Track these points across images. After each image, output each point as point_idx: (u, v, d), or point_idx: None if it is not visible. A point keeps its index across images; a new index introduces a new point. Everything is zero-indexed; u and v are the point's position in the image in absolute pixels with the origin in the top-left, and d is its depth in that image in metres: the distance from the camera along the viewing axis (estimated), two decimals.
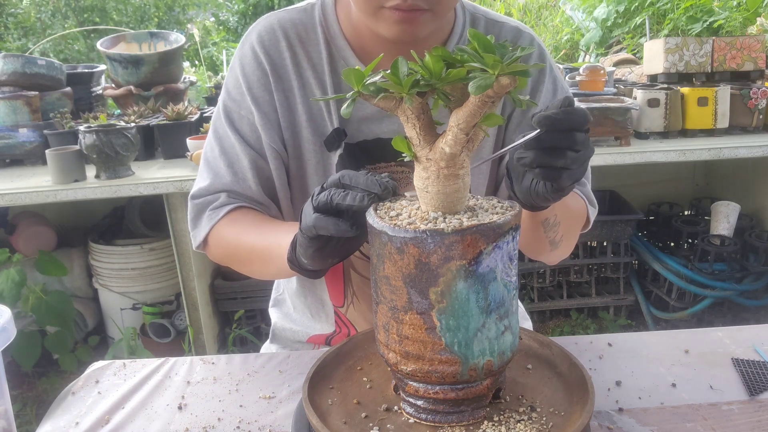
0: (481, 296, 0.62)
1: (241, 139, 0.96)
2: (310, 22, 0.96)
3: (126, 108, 2.82)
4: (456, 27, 0.97)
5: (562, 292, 2.87)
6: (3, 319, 0.72)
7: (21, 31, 7.21)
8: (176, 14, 8.20)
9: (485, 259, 0.61)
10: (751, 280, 2.70)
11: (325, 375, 0.78)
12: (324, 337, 1.11)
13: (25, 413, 2.29)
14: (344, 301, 1.08)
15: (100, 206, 2.75)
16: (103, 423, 0.81)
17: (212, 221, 0.94)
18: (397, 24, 0.81)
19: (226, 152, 0.96)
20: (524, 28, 1.02)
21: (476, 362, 0.64)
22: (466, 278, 0.61)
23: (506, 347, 0.67)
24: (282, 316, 1.18)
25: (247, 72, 0.96)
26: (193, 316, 2.34)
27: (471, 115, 0.60)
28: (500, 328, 0.65)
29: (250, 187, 0.95)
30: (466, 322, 0.63)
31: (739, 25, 3.77)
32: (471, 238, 0.60)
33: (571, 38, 4.97)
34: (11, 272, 2.26)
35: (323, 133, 0.96)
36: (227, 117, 0.97)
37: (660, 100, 2.43)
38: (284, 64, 0.95)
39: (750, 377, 0.86)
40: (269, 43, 0.95)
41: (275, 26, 0.96)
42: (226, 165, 0.96)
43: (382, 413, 0.71)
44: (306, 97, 0.96)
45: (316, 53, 0.96)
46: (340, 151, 0.96)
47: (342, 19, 0.96)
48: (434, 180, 0.64)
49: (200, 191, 0.97)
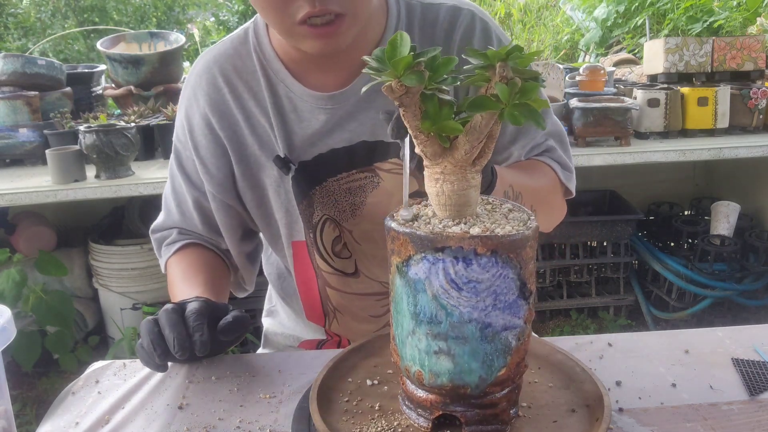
0: (411, 302, 0.62)
1: (188, 180, 1.00)
2: (245, 49, 0.95)
3: (126, 108, 2.82)
4: (390, 20, 0.93)
5: (562, 292, 2.87)
6: (3, 319, 0.72)
7: (21, 31, 7.21)
8: (176, 14, 8.20)
9: (414, 266, 0.61)
10: (751, 280, 2.70)
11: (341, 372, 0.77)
12: (315, 342, 1.12)
13: (25, 413, 2.29)
14: (325, 320, 1.08)
15: (100, 206, 2.75)
16: (103, 423, 0.81)
17: (165, 257, 1.05)
18: (316, 39, 0.79)
19: (175, 191, 1.03)
20: (463, 4, 0.94)
21: (408, 365, 0.65)
22: (401, 276, 0.62)
23: (441, 371, 0.63)
24: (274, 323, 1.19)
25: (189, 115, 0.97)
26: None
27: (406, 117, 0.61)
28: (432, 346, 0.62)
29: (196, 226, 1.03)
30: (402, 320, 0.64)
31: (739, 25, 3.77)
32: (403, 238, 0.61)
33: (571, 38, 4.97)
34: (11, 272, 2.26)
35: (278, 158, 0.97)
36: (176, 156, 1.02)
37: (660, 100, 2.43)
38: (224, 101, 0.95)
39: (750, 377, 0.86)
40: (206, 83, 0.95)
41: (210, 64, 0.96)
42: (175, 204, 1.03)
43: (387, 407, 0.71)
44: (253, 127, 0.95)
45: (255, 81, 0.94)
46: (292, 173, 0.95)
47: (273, 40, 0.94)
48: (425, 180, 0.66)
49: (156, 226, 1.08)
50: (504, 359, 0.63)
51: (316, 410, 0.69)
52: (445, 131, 0.61)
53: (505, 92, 0.57)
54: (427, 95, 0.60)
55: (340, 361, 0.81)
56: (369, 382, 0.78)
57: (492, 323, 0.61)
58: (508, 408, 0.68)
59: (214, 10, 8.41)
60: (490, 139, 0.63)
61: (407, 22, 0.93)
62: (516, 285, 0.61)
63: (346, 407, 0.73)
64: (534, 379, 0.79)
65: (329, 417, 0.70)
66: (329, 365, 0.79)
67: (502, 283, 0.60)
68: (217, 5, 8.39)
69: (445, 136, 0.62)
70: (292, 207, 0.98)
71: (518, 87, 0.57)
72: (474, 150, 0.62)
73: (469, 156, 0.62)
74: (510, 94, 0.57)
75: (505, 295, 0.61)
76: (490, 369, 0.63)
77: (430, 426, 0.67)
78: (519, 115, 0.57)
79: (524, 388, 0.74)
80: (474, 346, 0.62)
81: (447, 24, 0.93)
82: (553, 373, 0.80)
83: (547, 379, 0.79)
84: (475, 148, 0.62)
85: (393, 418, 0.70)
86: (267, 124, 0.94)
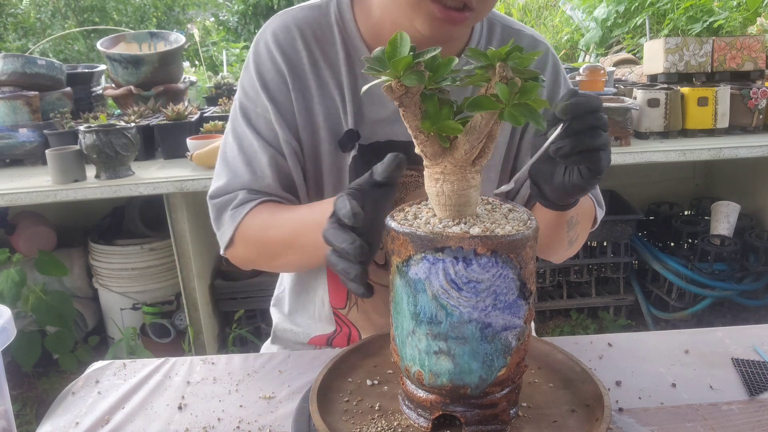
0: (411, 302, 0.62)
1: (259, 137, 0.94)
2: (326, 20, 0.95)
3: (126, 108, 2.82)
4: (473, 36, 0.97)
5: (562, 292, 2.87)
6: (3, 319, 0.72)
7: (21, 31, 7.21)
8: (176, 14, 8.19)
9: (414, 266, 0.61)
10: (751, 280, 2.70)
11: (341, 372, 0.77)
12: (325, 337, 1.11)
13: (25, 413, 2.29)
14: (346, 303, 1.08)
15: (100, 206, 2.75)
16: (103, 423, 0.81)
17: (236, 220, 0.92)
18: (437, 20, 0.80)
19: (244, 150, 0.95)
20: (540, 37, 1.02)
21: (409, 365, 0.65)
22: (401, 276, 0.63)
23: (441, 371, 0.63)
24: (283, 317, 1.18)
25: (262, 71, 0.94)
26: (193, 316, 2.34)
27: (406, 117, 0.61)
28: (432, 347, 0.62)
29: (269, 185, 0.94)
30: (402, 320, 0.64)
31: (739, 25, 3.77)
32: (403, 239, 0.61)
33: (571, 38, 4.97)
34: (11, 272, 2.26)
35: (338, 133, 0.95)
36: (244, 116, 0.96)
37: (660, 100, 2.43)
38: (301, 63, 0.94)
39: (750, 377, 0.86)
40: (285, 42, 0.94)
41: (290, 24, 0.94)
42: (244, 163, 0.95)
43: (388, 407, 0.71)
44: (323, 96, 0.95)
45: (333, 53, 0.94)
46: (354, 152, 0.95)
47: (359, 18, 0.94)
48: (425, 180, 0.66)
49: (218, 190, 0.96)
50: (504, 359, 0.63)
51: (316, 410, 0.69)
52: (445, 131, 0.61)
53: (505, 92, 0.57)
54: (427, 95, 0.60)
55: (340, 361, 0.81)
56: (369, 382, 0.78)
57: (492, 323, 0.61)
58: (508, 408, 0.68)
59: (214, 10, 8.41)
60: (490, 139, 0.63)
61: (487, 41, 0.97)
62: (516, 285, 0.61)
63: (346, 407, 0.73)
64: (534, 379, 0.79)
65: (329, 417, 0.70)
66: (329, 365, 0.79)
67: (502, 283, 0.60)
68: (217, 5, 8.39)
69: (445, 136, 0.62)
70: (341, 187, 0.97)
71: (518, 87, 0.57)
72: (474, 150, 0.62)
73: (469, 156, 0.62)
74: (510, 93, 0.57)
75: (505, 295, 0.61)
76: (490, 369, 0.63)
77: (430, 426, 0.67)
78: (519, 114, 0.57)
79: (524, 388, 0.74)
80: (474, 347, 0.62)
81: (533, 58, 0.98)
82: (553, 373, 0.80)
83: (547, 379, 0.79)
84: (475, 148, 0.62)
85: (393, 418, 0.70)
86: (339, 98, 0.94)
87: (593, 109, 0.66)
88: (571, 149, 0.66)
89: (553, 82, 1.00)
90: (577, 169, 0.69)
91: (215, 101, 2.98)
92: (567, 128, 0.66)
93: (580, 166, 0.69)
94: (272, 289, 1.23)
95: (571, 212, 0.85)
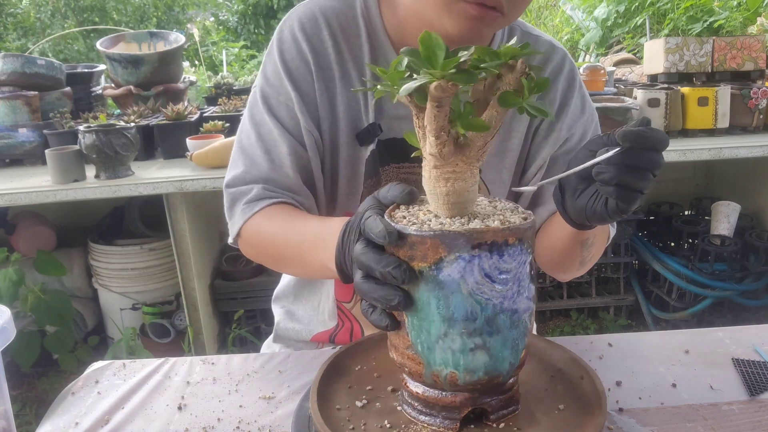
0: (442, 304, 0.60)
1: (280, 125, 0.92)
2: (352, 13, 0.94)
3: (126, 108, 2.82)
4: (495, 38, 0.97)
5: (562, 292, 2.87)
6: (2, 319, 0.72)
7: (20, 31, 7.21)
8: (176, 14, 8.20)
9: (447, 267, 0.59)
10: (751, 280, 2.70)
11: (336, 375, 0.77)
12: (327, 333, 1.11)
13: (25, 413, 2.29)
14: (353, 297, 1.08)
15: (99, 206, 2.75)
16: (102, 423, 0.81)
17: (246, 216, 0.90)
18: (469, 20, 0.79)
19: (263, 138, 0.93)
20: (557, 44, 1.02)
21: (438, 370, 0.63)
22: (427, 282, 0.60)
23: (477, 366, 0.63)
24: (284, 314, 1.17)
25: (286, 58, 0.93)
26: (193, 316, 2.34)
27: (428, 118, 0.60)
28: (467, 344, 0.62)
29: (287, 175, 0.92)
30: (428, 327, 0.62)
31: (740, 25, 3.77)
32: (431, 242, 0.59)
33: (571, 38, 4.97)
34: (9, 272, 2.26)
35: (357, 127, 0.95)
36: (265, 103, 0.94)
37: (660, 100, 2.43)
38: (326, 53, 0.93)
39: (750, 377, 0.86)
40: (311, 31, 0.93)
41: (317, 14, 0.94)
42: (263, 152, 0.92)
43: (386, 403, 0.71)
44: (346, 88, 0.94)
45: (357, 46, 0.94)
46: (372, 146, 0.95)
47: (385, 14, 0.94)
48: (426, 180, 0.65)
49: (234, 180, 0.93)
50: (524, 341, 0.66)
51: (316, 410, 0.69)
52: (474, 129, 0.61)
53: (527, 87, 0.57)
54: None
55: (339, 359, 0.81)
56: (369, 380, 0.78)
57: (517, 309, 0.63)
58: (518, 387, 0.71)
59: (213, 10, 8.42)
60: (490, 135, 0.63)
61: None
62: (530, 268, 0.64)
63: (348, 405, 0.73)
64: (533, 376, 0.79)
65: (329, 416, 0.70)
66: (328, 362, 0.79)
67: (523, 270, 0.62)
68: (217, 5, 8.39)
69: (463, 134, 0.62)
70: (356, 180, 0.97)
71: (534, 81, 0.58)
72: (486, 146, 0.62)
73: (482, 152, 0.62)
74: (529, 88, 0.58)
75: (524, 281, 0.63)
76: (516, 353, 0.65)
77: (458, 426, 0.67)
78: (533, 109, 0.58)
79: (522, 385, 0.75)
80: (505, 335, 0.63)
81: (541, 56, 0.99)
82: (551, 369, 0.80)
83: (545, 377, 0.79)
84: (488, 145, 0.62)
85: (393, 416, 0.70)
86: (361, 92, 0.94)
87: (655, 148, 0.63)
88: (611, 178, 0.63)
89: (567, 89, 0.99)
90: (606, 198, 0.67)
91: (215, 101, 2.98)
92: (620, 155, 0.62)
93: (610, 198, 0.66)
94: (272, 289, 1.22)
95: (589, 233, 0.83)
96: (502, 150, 0.99)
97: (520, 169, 1.03)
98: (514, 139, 0.99)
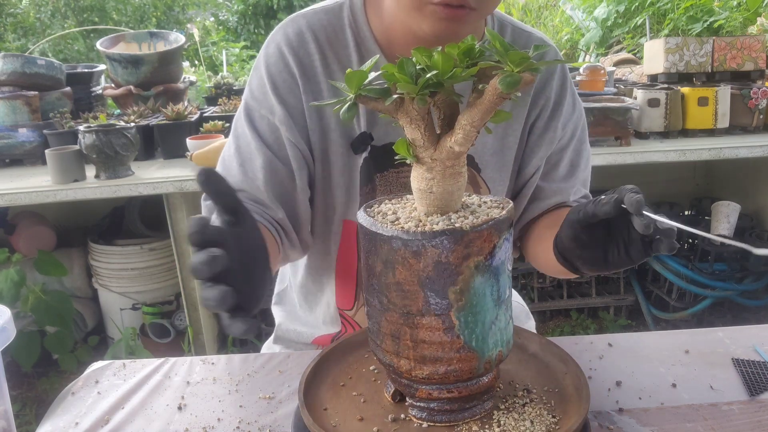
0: (495, 289, 0.63)
1: (259, 139, 0.94)
2: (339, 23, 0.95)
3: (126, 108, 2.82)
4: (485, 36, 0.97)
5: (562, 292, 2.87)
6: (3, 319, 0.72)
7: (20, 31, 7.21)
8: (176, 14, 8.20)
9: (498, 252, 0.63)
10: (751, 280, 2.70)
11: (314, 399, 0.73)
12: (330, 337, 1.11)
13: (25, 413, 2.29)
14: (354, 304, 1.08)
15: (99, 206, 2.75)
16: (102, 423, 0.81)
17: None
18: (442, 21, 0.80)
19: (240, 150, 0.95)
20: (549, 41, 1.03)
21: (490, 355, 0.65)
22: (483, 273, 0.62)
23: (510, 335, 0.69)
24: (286, 315, 1.17)
25: (272, 72, 0.94)
26: (193, 316, 2.34)
27: (486, 112, 0.60)
28: (507, 318, 0.67)
29: (258, 188, 0.94)
30: (483, 317, 0.63)
31: (740, 25, 3.77)
32: (487, 233, 0.61)
33: (571, 38, 4.97)
34: (10, 272, 2.26)
35: (351, 136, 0.95)
36: (247, 116, 0.96)
37: (660, 100, 2.43)
38: (313, 66, 0.94)
39: (750, 377, 0.86)
40: (297, 44, 0.94)
41: (303, 28, 0.94)
42: (238, 164, 0.95)
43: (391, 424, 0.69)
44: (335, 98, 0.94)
45: (346, 56, 0.95)
46: (365, 154, 0.96)
47: (373, 21, 0.94)
48: (440, 180, 0.64)
49: None
50: None
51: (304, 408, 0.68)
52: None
53: None
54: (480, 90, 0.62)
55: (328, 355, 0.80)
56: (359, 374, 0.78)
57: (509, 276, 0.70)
58: None
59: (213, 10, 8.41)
60: None
61: None
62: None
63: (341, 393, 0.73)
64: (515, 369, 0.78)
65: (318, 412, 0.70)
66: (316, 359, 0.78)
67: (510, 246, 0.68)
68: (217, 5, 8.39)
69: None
70: (353, 188, 0.98)
71: None
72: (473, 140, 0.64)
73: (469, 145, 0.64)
74: None
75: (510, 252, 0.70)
76: None
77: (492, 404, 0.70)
78: None
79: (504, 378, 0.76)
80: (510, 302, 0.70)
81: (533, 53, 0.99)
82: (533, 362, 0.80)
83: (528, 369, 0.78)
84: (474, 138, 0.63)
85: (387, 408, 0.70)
86: None
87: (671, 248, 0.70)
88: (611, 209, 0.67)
89: (561, 87, 1.00)
90: (626, 248, 0.70)
91: (215, 101, 2.98)
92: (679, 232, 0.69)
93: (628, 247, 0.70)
94: (272, 290, 1.22)
95: None
96: (501, 148, 1.00)
97: (517, 167, 1.03)
98: (511, 137, 1.00)
